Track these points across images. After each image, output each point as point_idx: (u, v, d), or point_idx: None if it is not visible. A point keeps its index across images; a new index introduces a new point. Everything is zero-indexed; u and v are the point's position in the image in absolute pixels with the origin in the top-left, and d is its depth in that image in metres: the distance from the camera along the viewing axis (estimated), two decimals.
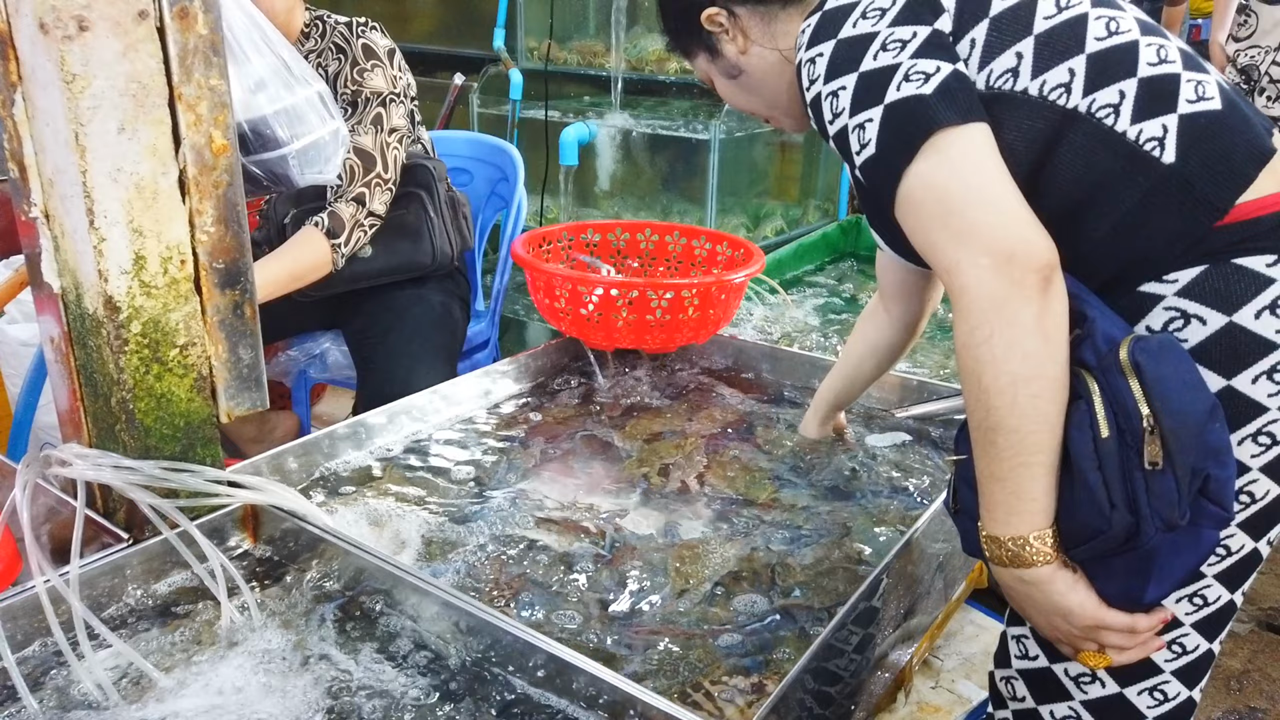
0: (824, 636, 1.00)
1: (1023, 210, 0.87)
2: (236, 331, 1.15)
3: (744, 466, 1.52)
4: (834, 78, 0.96)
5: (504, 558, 1.25)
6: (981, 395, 0.86)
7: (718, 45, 1.17)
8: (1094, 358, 0.88)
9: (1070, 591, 0.89)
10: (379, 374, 1.77)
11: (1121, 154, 0.91)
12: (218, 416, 1.17)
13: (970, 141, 0.89)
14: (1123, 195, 0.92)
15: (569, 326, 1.78)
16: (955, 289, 0.87)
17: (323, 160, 1.17)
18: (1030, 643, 1.05)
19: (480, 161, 2.28)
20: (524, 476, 1.46)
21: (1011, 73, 0.93)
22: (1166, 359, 0.86)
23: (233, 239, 1.12)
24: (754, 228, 2.95)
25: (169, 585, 1.13)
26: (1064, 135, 0.92)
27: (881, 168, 0.92)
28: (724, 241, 2.02)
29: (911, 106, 0.89)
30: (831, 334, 2.23)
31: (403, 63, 1.86)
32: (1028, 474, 0.86)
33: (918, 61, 0.91)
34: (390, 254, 1.81)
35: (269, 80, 1.11)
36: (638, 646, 1.10)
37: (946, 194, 0.88)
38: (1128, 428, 0.84)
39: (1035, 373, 0.84)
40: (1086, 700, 1.01)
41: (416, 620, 1.08)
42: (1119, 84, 0.91)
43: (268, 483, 1.18)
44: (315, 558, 1.18)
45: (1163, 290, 0.93)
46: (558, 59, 3.04)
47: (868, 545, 1.32)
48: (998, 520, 0.89)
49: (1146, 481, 0.83)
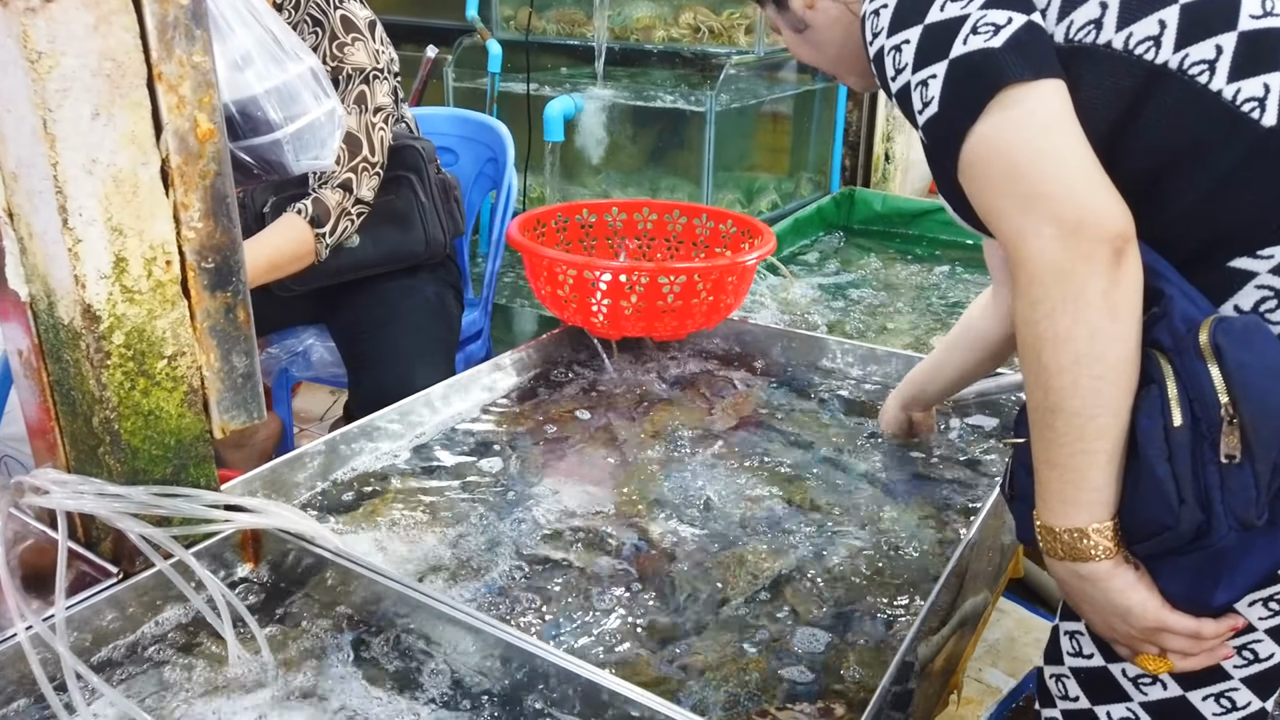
0: (899, 656, 0.92)
1: (1096, 175, 0.79)
2: (229, 337, 1.04)
3: (772, 463, 1.44)
4: (898, 30, 0.87)
5: (529, 576, 1.16)
6: (1041, 374, 0.80)
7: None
8: (1170, 339, 0.80)
9: (1130, 590, 0.82)
10: (375, 372, 1.65)
11: (1215, 116, 0.82)
12: (211, 432, 1.06)
13: (1042, 99, 0.80)
14: (1215, 161, 0.83)
15: (573, 314, 1.68)
16: (1018, 259, 0.80)
17: (318, 144, 1.06)
18: (1085, 640, 0.98)
19: (466, 140, 2.15)
20: (541, 482, 1.36)
21: (1094, 24, 0.85)
22: (1252, 343, 0.78)
23: (223, 235, 1.00)
24: (748, 203, 2.86)
25: (165, 621, 1.02)
26: (1150, 94, 0.84)
27: (944, 127, 0.84)
28: (728, 220, 1.92)
29: (978, 61, 0.81)
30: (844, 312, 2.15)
31: (384, 35, 1.73)
32: (1087, 461, 0.79)
33: (988, 12, 0.82)
34: (379, 243, 1.68)
35: (256, 55, 0.99)
36: (692, 670, 1.01)
37: (1012, 156, 0.80)
38: (1203, 416, 0.77)
39: (1100, 352, 0.77)
40: (1146, 702, 0.95)
41: (443, 651, 0.99)
42: (1216, 38, 0.82)
43: (270, 504, 1.07)
44: (325, 583, 1.08)
45: (1256, 266, 0.85)
46: (535, 28, 2.90)
47: (913, 545, 1.24)
48: (1053, 510, 0.83)
49: (1221, 476, 0.76)
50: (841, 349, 1.74)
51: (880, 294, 2.30)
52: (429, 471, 1.37)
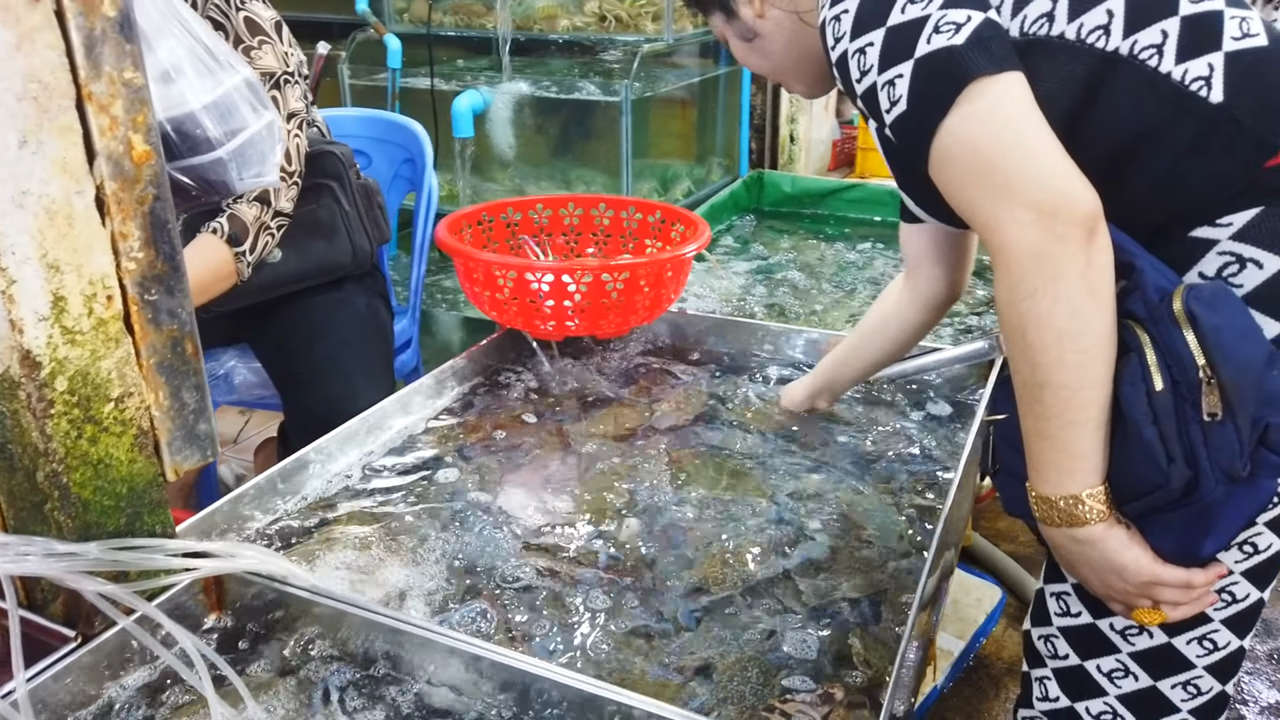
0: (905, 640, 0.93)
1: (1063, 161, 0.82)
2: (178, 373, 0.97)
3: (728, 455, 1.44)
4: (860, 34, 0.90)
5: (506, 593, 1.12)
6: (1027, 352, 0.83)
7: (734, 6, 1.10)
8: (1144, 309, 0.85)
9: (1124, 549, 0.86)
10: (313, 392, 1.57)
11: (1167, 96, 0.87)
12: (163, 475, 0.99)
13: (1006, 91, 0.84)
14: (1170, 139, 0.88)
15: (513, 318, 1.64)
16: (995, 245, 0.83)
17: (259, 159, 0.99)
18: (1072, 599, 1.03)
19: (378, 141, 2.06)
20: (502, 494, 1.33)
21: (1046, 17, 0.89)
22: (1221, 307, 0.83)
23: (165, 264, 0.93)
24: (664, 191, 2.84)
25: (130, 684, 0.95)
26: (1105, 80, 0.88)
27: (914, 124, 0.87)
28: (656, 211, 1.90)
29: (943, 58, 0.84)
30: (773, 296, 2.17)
31: (291, 36, 1.64)
32: (1077, 432, 0.83)
33: (948, 12, 0.85)
34: (304, 256, 1.60)
35: (189, 68, 0.92)
36: (689, 673, 1.00)
37: (983, 147, 0.83)
38: (1182, 379, 0.82)
39: (1082, 328, 0.81)
40: (1135, 652, 1.00)
41: (434, 679, 0.95)
42: (1160, 23, 0.87)
43: (235, 546, 1.01)
44: (299, 621, 1.03)
45: (1216, 235, 0.90)
46: (432, 21, 2.81)
47: (882, 525, 1.26)
48: (1048, 480, 0.86)
49: (1204, 434, 0.81)
50: (779, 333, 1.75)
51: (802, 275, 2.32)
52: (385, 492, 1.32)
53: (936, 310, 1.31)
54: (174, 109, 0.92)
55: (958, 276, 1.28)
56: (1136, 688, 1.00)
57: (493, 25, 2.72)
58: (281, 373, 1.63)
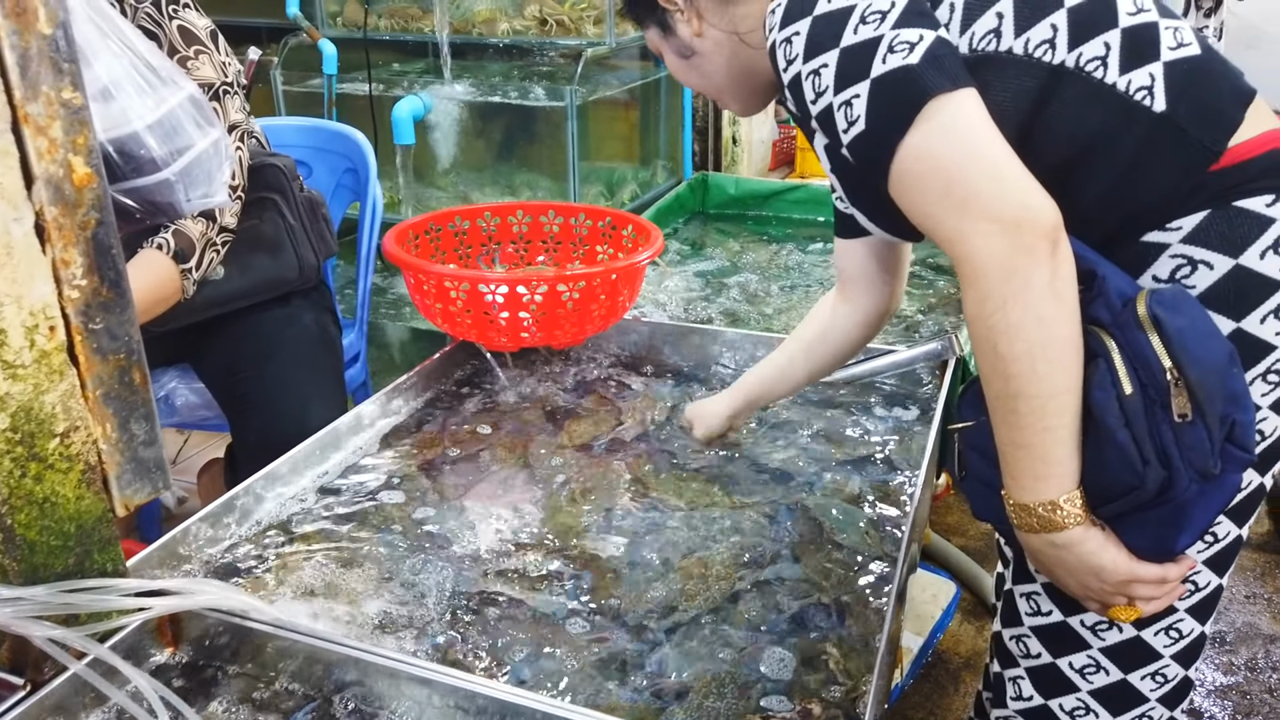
0: (882, 651, 0.93)
1: (1023, 174, 0.84)
2: (126, 404, 0.93)
3: (691, 465, 1.43)
4: (814, 55, 0.91)
5: (473, 619, 1.10)
6: (999, 364, 0.84)
7: (671, 23, 1.11)
8: (1108, 315, 0.87)
9: (1101, 550, 0.87)
10: (264, 414, 1.51)
11: (1113, 106, 0.90)
12: (113, 510, 0.95)
13: (962, 108, 0.85)
14: (1118, 147, 0.91)
15: (467, 330, 1.61)
16: (961, 258, 0.84)
17: (206, 178, 0.95)
18: (1043, 599, 1.05)
19: (321, 151, 2.01)
20: (464, 513, 1.30)
21: (994, 33, 0.91)
22: (1183, 309, 0.86)
23: (110, 291, 0.89)
24: (611, 195, 2.82)
25: None
26: (1054, 92, 0.91)
27: (873, 143, 0.89)
28: (606, 217, 1.89)
29: (899, 78, 0.86)
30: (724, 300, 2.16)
31: (227, 45, 1.58)
32: (1052, 438, 0.84)
33: (900, 31, 0.87)
34: (249, 272, 1.55)
35: (130, 86, 0.87)
36: (667, 695, 0.99)
37: (944, 164, 0.85)
38: (1150, 383, 0.83)
39: (1052, 336, 0.82)
40: (1105, 647, 1.02)
41: (404, 714, 0.93)
42: (1103, 36, 0.90)
43: (192, 582, 0.97)
44: (259, 656, 0.99)
45: (1167, 239, 0.93)
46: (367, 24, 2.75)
47: (844, 528, 1.26)
48: (1025, 487, 0.87)
49: (1176, 434, 0.83)
50: (736, 340, 1.75)
51: (754, 277, 2.33)
52: (343, 515, 1.28)
53: (875, 324, 1.31)
54: (116, 129, 0.88)
55: (895, 289, 1.28)
56: (1108, 682, 1.03)
57: (430, 29, 2.67)
58: (228, 394, 1.58)
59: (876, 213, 1.07)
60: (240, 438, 1.58)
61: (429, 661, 0.97)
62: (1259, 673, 2.00)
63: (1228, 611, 2.16)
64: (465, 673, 0.93)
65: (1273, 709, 1.90)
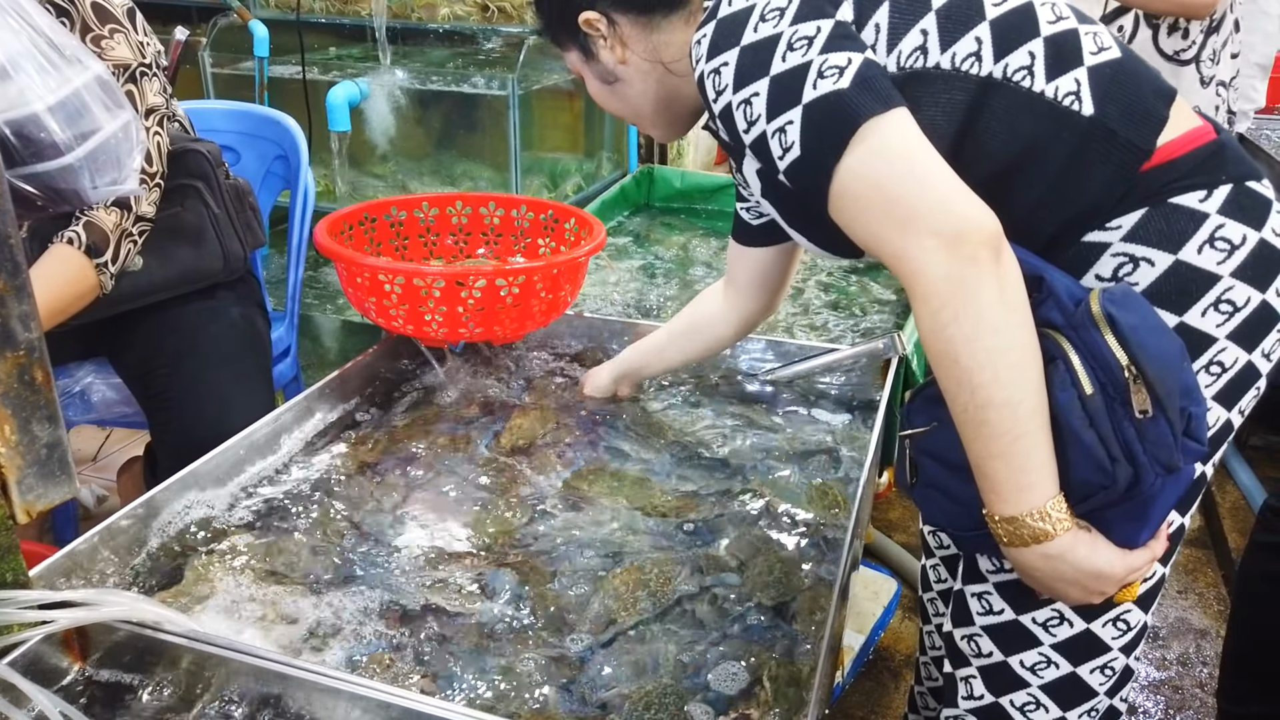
0: (823, 657, 0.91)
1: (960, 187, 0.85)
2: (27, 405, 0.87)
3: (636, 464, 1.40)
4: (744, 85, 0.91)
5: (404, 630, 1.05)
6: (962, 376, 0.84)
7: (595, 49, 1.11)
8: (1061, 316, 0.88)
9: (1094, 553, 0.87)
10: (184, 414, 1.44)
11: (1043, 113, 0.92)
12: (13, 517, 0.88)
13: (895, 127, 0.87)
14: (1051, 153, 0.92)
15: (403, 324, 1.56)
16: (908, 275, 0.85)
17: (115, 164, 0.88)
18: (994, 598, 1.05)
19: (248, 137, 1.93)
20: (397, 517, 1.25)
21: (920, 50, 0.93)
22: (1133, 307, 0.87)
23: (6, 284, 0.83)
24: (554, 187, 2.77)
25: None
26: (984, 103, 0.92)
27: (809, 168, 0.89)
28: (548, 210, 1.84)
29: (832, 103, 0.86)
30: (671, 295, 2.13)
31: (145, 24, 1.51)
32: (1028, 443, 0.84)
33: (828, 56, 0.88)
34: (168, 263, 1.47)
35: (28, 64, 0.81)
36: (612, 707, 0.96)
37: (883, 183, 0.85)
38: (1109, 380, 0.84)
39: (1009, 342, 0.83)
40: (1056, 642, 1.03)
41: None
42: (1026, 45, 0.92)
43: (100, 593, 0.91)
44: (175, 669, 0.94)
45: (1107, 238, 0.95)
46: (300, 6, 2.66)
47: (785, 527, 1.24)
48: (1008, 499, 0.86)
49: (1138, 430, 0.84)
50: None
51: (698, 272, 2.31)
52: (267, 519, 1.23)
53: (750, 327, 1.43)
54: (13, 110, 0.81)
55: (777, 297, 1.39)
56: (1058, 675, 1.03)
57: (367, 12, 2.59)
58: (147, 391, 1.50)
59: (815, 231, 1.08)
60: (160, 437, 1.50)
61: (356, 675, 0.92)
62: (1191, 667, 2.04)
63: (1160, 607, 2.20)
64: (394, 686, 0.89)
65: (1203, 703, 1.94)
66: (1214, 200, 0.91)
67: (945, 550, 1.35)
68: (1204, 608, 2.21)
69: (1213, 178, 0.92)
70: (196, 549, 1.15)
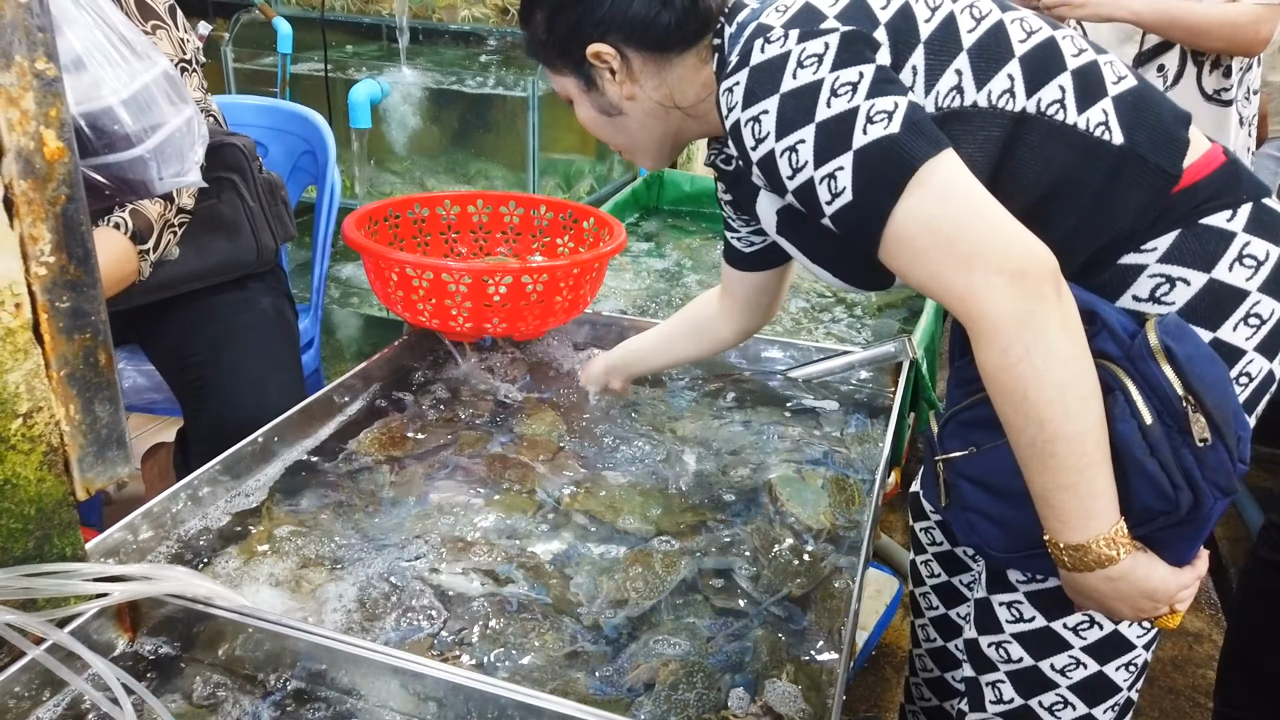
0: (848, 644, 0.96)
1: (1016, 223, 0.86)
2: (91, 385, 0.91)
3: (653, 455, 1.44)
4: (788, 132, 0.91)
5: (436, 611, 1.09)
6: (1030, 411, 0.85)
7: (598, 81, 1.08)
8: (1116, 348, 0.90)
9: (1151, 573, 0.91)
10: (220, 401, 1.48)
11: (1077, 144, 0.94)
12: (74, 494, 0.92)
13: (948, 168, 0.88)
14: (1085, 182, 0.95)
15: (429, 318, 1.60)
16: (973, 313, 0.85)
17: (179, 157, 0.92)
18: (1025, 607, 1.09)
19: (277, 132, 1.97)
20: (425, 504, 1.29)
21: (956, 90, 0.94)
22: (1186, 338, 0.90)
23: (78, 269, 0.87)
24: (568, 188, 2.81)
25: (47, 718, 0.89)
26: (1019, 137, 0.95)
27: (863, 212, 0.90)
28: (567, 210, 1.89)
29: (885, 148, 0.87)
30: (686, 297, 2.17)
31: (185, 21, 1.55)
32: (1095, 473, 0.86)
33: (875, 101, 0.88)
34: (205, 254, 1.51)
35: (104, 59, 0.85)
36: (635, 686, 1.00)
37: (942, 225, 0.86)
38: (1165, 410, 0.87)
39: (1077, 374, 0.85)
40: (1086, 645, 1.07)
41: (370, 701, 0.92)
42: (1056, 80, 0.95)
43: (155, 568, 0.95)
44: (223, 644, 0.98)
45: (1143, 260, 0.98)
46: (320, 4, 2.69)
47: (801, 523, 1.28)
48: (1075, 528, 0.88)
49: (1197, 457, 0.87)
50: None
51: (711, 275, 2.35)
52: (303, 505, 1.27)
53: (748, 335, 1.46)
54: (88, 102, 0.85)
55: (773, 309, 1.43)
56: (1086, 675, 1.07)
57: (388, 11, 2.63)
58: (182, 378, 1.54)
59: (838, 267, 1.09)
60: (194, 422, 1.54)
61: (397, 649, 0.96)
62: (1184, 668, 2.09)
63: None
64: (434, 661, 0.93)
65: (1196, 703, 1.99)
66: (1239, 219, 0.95)
67: (938, 547, 1.38)
68: (1195, 611, 2.26)
69: (1235, 197, 0.95)
70: (236, 529, 1.19)
